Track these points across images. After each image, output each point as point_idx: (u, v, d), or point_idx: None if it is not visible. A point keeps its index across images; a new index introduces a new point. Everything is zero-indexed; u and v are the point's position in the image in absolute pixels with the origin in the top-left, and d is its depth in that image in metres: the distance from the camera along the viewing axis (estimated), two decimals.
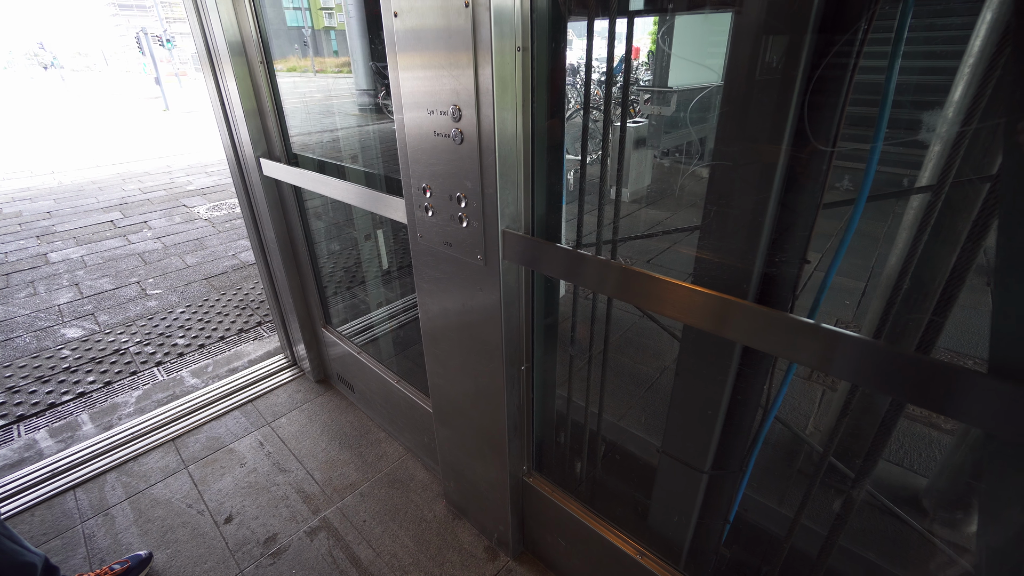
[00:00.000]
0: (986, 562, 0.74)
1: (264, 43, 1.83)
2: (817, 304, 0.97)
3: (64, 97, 20.99)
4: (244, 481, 1.96)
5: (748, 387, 1.05)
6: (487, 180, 1.07)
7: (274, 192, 2.11)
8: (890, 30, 0.75)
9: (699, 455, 1.13)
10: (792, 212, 0.87)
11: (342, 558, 1.66)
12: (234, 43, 1.81)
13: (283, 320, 2.53)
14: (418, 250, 1.36)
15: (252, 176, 2.09)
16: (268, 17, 1.82)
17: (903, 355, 0.64)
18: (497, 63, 0.96)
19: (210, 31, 1.85)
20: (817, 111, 0.80)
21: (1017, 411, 0.59)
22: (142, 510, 1.85)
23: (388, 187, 1.92)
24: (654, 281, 0.88)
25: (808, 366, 0.77)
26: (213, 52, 1.90)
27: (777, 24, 0.75)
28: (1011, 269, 0.61)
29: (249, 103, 1.92)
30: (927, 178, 1.44)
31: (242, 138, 2.02)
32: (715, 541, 1.27)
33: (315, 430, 2.22)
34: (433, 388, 1.59)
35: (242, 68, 1.86)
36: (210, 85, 1.99)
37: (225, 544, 1.72)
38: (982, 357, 2.46)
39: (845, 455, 1.74)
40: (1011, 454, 0.67)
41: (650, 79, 5.03)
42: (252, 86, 1.90)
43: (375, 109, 1.95)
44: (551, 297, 1.36)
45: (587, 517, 1.38)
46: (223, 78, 1.92)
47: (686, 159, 5.24)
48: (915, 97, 1.00)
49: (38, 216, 5.42)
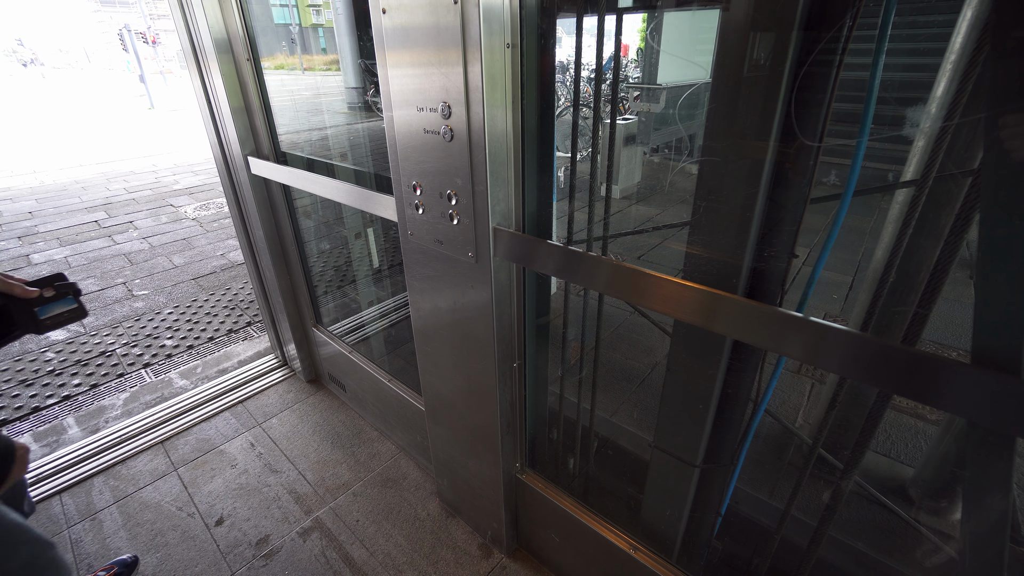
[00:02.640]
0: (970, 548, 0.75)
1: (251, 40, 1.81)
2: (805, 298, 0.98)
3: (45, 95, 20.58)
4: (235, 483, 1.94)
5: (738, 381, 1.06)
6: (477, 177, 1.07)
7: (263, 191, 2.09)
8: (874, 27, 0.76)
9: (691, 449, 1.14)
10: (780, 207, 0.88)
11: (335, 558, 1.65)
12: (220, 40, 1.79)
13: (273, 320, 2.50)
14: (409, 248, 1.36)
15: (240, 175, 2.07)
16: (255, 14, 1.80)
17: (890, 347, 0.65)
18: (487, 60, 0.96)
19: (195, 28, 1.82)
20: (804, 107, 0.81)
21: (999, 400, 0.60)
22: (131, 514, 1.83)
23: (378, 185, 1.91)
24: (645, 277, 0.89)
25: (797, 359, 0.78)
26: (199, 49, 1.87)
27: (764, 21, 0.76)
28: (992, 260, 0.63)
29: (236, 101, 1.89)
30: (911, 173, 1.46)
31: (229, 136, 1.99)
32: (707, 534, 1.28)
33: (307, 430, 2.21)
34: (425, 386, 1.59)
35: (229, 65, 1.84)
36: (196, 83, 1.96)
37: (216, 547, 1.70)
38: (965, 349, 2.51)
39: (834, 447, 1.76)
40: (993, 442, 0.68)
41: (639, 76, 5.05)
42: (239, 84, 1.88)
43: (364, 107, 1.94)
44: (543, 294, 1.36)
45: (580, 513, 1.39)
46: (209, 76, 1.90)
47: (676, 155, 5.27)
48: (899, 94, 1.01)
49: (19, 217, 5.31)
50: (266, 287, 2.39)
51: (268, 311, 2.48)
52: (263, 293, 2.44)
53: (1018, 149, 0.59)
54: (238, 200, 2.19)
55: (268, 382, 2.52)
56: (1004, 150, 0.60)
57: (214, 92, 1.92)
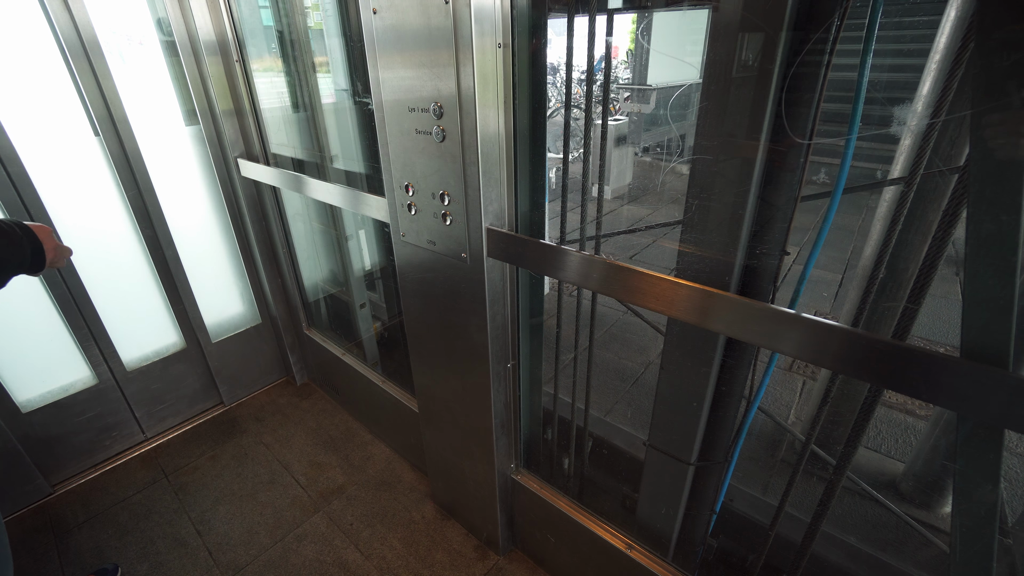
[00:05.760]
0: (960, 540, 0.76)
1: (240, 42, 1.79)
2: (797, 295, 0.99)
3: None
4: (228, 488, 1.92)
5: (732, 379, 1.07)
6: (470, 177, 1.07)
7: (253, 193, 2.07)
8: (861, 28, 0.77)
9: (685, 447, 1.15)
10: (771, 205, 0.89)
11: (330, 563, 1.64)
12: (209, 42, 1.78)
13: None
14: (401, 249, 1.35)
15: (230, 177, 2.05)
16: (244, 16, 1.79)
17: (881, 342, 0.66)
18: (478, 60, 0.96)
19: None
20: (794, 107, 0.81)
21: (988, 393, 0.61)
22: (121, 523, 1.80)
23: (370, 186, 1.91)
24: (638, 275, 0.89)
25: (790, 355, 0.79)
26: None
27: (753, 21, 0.77)
28: (980, 255, 0.63)
29: (226, 103, 1.88)
30: (899, 171, 1.48)
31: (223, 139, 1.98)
32: (702, 531, 1.28)
33: (299, 434, 2.19)
34: (419, 388, 1.59)
35: (218, 68, 1.83)
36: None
37: (208, 553, 1.68)
38: (953, 344, 2.55)
39: (826, 443, 1.78)
40: (982, 435, 0.69)
41: (629, 77, 5.09)
42: (229, 86, 1.87)
43: (356, 108, 1.94)
44: (536, 294, 1.36)
45: (576, 512, 1.39)
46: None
47: (666, 155, 5.30)
48: (886, 93, 1.03)
49: None
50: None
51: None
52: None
53: (1003, 146, 0.60)
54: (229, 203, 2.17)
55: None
56: (989, 147, 0.61)
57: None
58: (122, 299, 1.96)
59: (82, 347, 1.88)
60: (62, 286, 1.78)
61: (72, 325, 1.84)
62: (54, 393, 1.88)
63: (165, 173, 1.94)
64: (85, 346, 1.89)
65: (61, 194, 1.73)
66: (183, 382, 2.21)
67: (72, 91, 1.68)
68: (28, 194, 1.65)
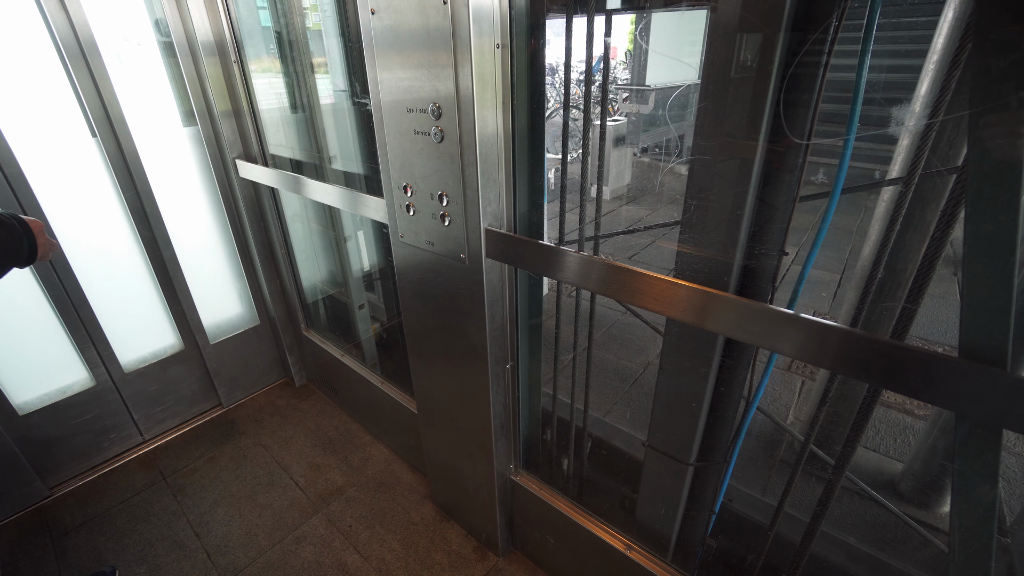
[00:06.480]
0: (959, 540, 0.76)
1: (238, 43, 1.79)
2: (796, 295, 0.99)
3: None
4: (226, 490, 1.92)
5: (731, 379, 1.07)
6: (468, 178, 1.07)
7: (251, 194, 2.07)
8: (860, 28, 0.78)
9: (684, 448, 1.15)
10: (770, 205, 0.89)
11: (329, 564, 1.63)
12: (207, 43, 1.77)
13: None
14: (400, 250, 1.35)
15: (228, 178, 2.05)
16: (242, 16, 1.79)
17: (879, 341, 0.66)
18: (476, 60, 0.95)
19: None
20: (792, 107, 0.81)
21: (987, 392, 0.61)
22: (119, 525, 1.79)
23: (368, 187, 1.90)
24: (636, 276, 0.89)
25: (789, 355, 0.79)
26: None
27: (752, 22, 0.77)
28: (978, 255, 0.63)
29: (224, 104, 1.88)
30: (897, 171, 1.48)
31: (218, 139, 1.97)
32: (701, 532, 1.28)
33: (298, 435, 2.18)
34: (418, 389, 1.58)
35: (216, 68, 1.83)
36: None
37: (207, 555, 1.68)
38: (951, 344, 2.55)
39: (825, 443, 1.78)
40: (981, 435, 0.69)
41: (628, 78, 5.09)
42: (227, 87, 1.87)
43: (354, 109, 1.94)
44: (535, 295, 1.36)
45: (575, 513, 1.39)
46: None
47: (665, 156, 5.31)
48: (885, 93, 1.03)
49: None
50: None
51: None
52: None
53: (1001, 146, 0.60)
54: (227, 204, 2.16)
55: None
56: (987, 147, 0.61)
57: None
58: (120, 300, 1.96)
59: (79, 349, 1.88)
60: (59, 287, 1.78)
61: (69, 327, 1.83)
62: (51, 395, 1.87)
63: (163, 174, 1.93)
64: (82, 348, 1.88)
65: (58, 196, 1.73)
66: (181, 384, 2.21)
67: (69, 92, 1.68)
68: (25, 196, 1.64)
